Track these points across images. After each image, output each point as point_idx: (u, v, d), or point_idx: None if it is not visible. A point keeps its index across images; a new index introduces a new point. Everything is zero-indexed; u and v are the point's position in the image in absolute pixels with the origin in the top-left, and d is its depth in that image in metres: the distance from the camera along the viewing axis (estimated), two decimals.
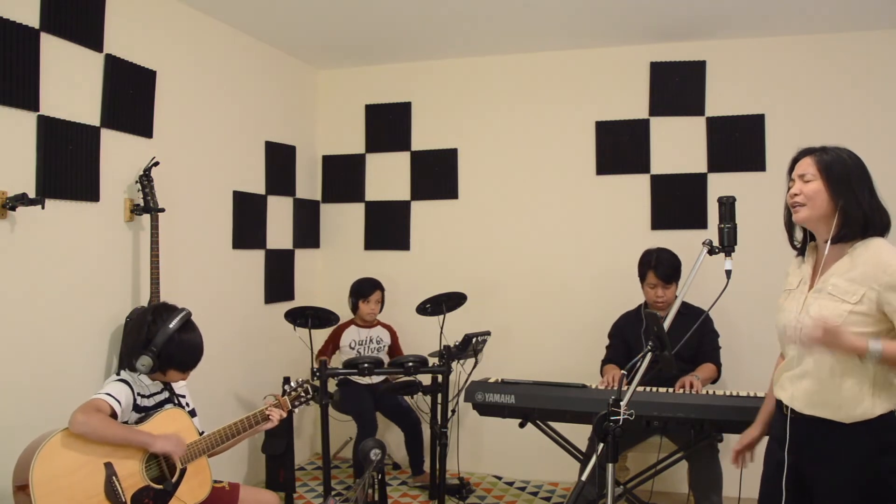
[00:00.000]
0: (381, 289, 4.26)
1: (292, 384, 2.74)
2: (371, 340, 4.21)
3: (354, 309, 4.24)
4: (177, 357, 2.39)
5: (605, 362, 3.55)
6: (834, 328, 1.84)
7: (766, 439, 2.22)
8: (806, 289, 2.04)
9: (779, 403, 2.09)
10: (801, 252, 2.13)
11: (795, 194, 1.99)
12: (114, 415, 2.24)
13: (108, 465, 2.18)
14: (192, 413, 2.55)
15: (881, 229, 1.96)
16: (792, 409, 2.00)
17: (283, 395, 2.70)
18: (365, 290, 4.22)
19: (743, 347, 3.72)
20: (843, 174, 1.95)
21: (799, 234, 2.13)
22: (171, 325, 2.36)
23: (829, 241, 1.96)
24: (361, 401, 4.05)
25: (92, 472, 2.15)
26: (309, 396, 2.74)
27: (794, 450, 1.99)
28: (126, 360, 2.41)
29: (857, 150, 2.05)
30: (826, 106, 3.91)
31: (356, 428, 4.04)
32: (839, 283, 1.93)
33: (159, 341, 2.33)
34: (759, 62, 4.02)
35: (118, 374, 2.41)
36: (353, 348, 4.18)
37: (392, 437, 4.38)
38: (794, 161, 2.07)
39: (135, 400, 2.35)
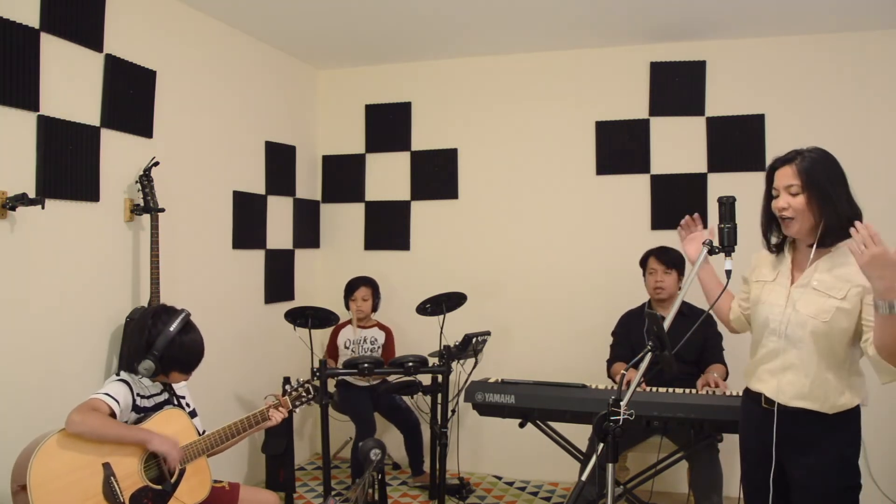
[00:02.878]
0: (369, 285, 4.22)
1: (293, 384, 2.74)
2: (365, 340, 4.20)
3: (348, 308, 4.24)
4: (179, 359, 2.39)
5: (611, 361, 3.55)
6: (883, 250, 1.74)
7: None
8: (787, 283, 2.09)
9: (756, 397, 2.14)
10: (778, 250, 2.18)
11: (784, 208, 2.03)
12: (112, 415, 2.24)
13: (107, 466, 2.17)
14: (193, 413, 2.55)
15: None
16: (778, 403, 2.05)
17: (283, 395, 2.70)
18: (350, 287, 4.22)
19: (744, 347, 3.71)
20: (823, 183, 1.98)
21: (775, 237, 2.17)
22: (171, 328, 2.35)
23: (813, 246, 2.02)
24: (359, 402, 4.04)
25: (90, 473, 2.14)
26: (310, 396, 2.74)
27: (777, 442, 2.05)
28: (127, 364, 2.40)
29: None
30: (826, 106, 3.91)
31: (355, 429, 4.04)
32: (824, 279, 1.99)
33: (160, 344, 2.33)
34: (759, 62, 4.02)
35: (118, 374, 2.41)
36: (347, 347, 4.18)
37: (391, 437, 4.38)
38: (772, 169, 2.09)
39: (134, 400, 2.34)
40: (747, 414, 2.22)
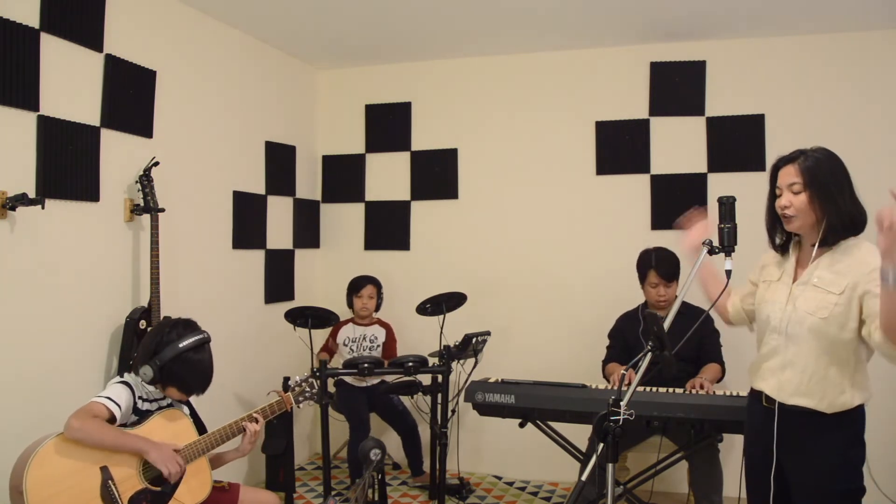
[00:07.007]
0: (375, 284, 4.24)
1: (297, 379, 2.73)
2: (365, 338, 4.20)
3: (350, 306, 4.25)
4: (179, 375, 2.35)
5: (605, 362, 3.55)
6: None
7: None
8: (790, 281, 2.10)
9: (758, 395, 2.15)
10: (783, 250, 2.18)
11: (786, 206, 2.04)
12: (112, 419, 2.23)
13: (104, 469, 2.16)
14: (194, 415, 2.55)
15: (861, 227, 2.01)
16: (778, 401, 2.05)
17: (286, 392, 2.69)
18: (357, 284, 4.23)
19: (743, 347, 3.69)
20: (826, 182, 1.99)
21: (779, 238, 2.17)
22: (181, 344, 2.33)
23: (815, 245, 2.02)
24: (354, 402, 4.04)
25: (87, 477, 2.13)
26: (314, 391, 2.73)
27: (777, 441, 2.05)
28: (134, 365, 2.39)
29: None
30: (826, 106, 3.91)
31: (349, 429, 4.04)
32: (824, 276, 2.00)
33: (165, 355, 2.31)
34: (759, 62, 4.02)
35: (121, 375, 2.40)
36: (346, 345, 4.18)
37: (391, 437, 4.38)
38: (776, 168, 2.11)
39: (135, 403, 2.34)
40: (750, 413, 2.23)
